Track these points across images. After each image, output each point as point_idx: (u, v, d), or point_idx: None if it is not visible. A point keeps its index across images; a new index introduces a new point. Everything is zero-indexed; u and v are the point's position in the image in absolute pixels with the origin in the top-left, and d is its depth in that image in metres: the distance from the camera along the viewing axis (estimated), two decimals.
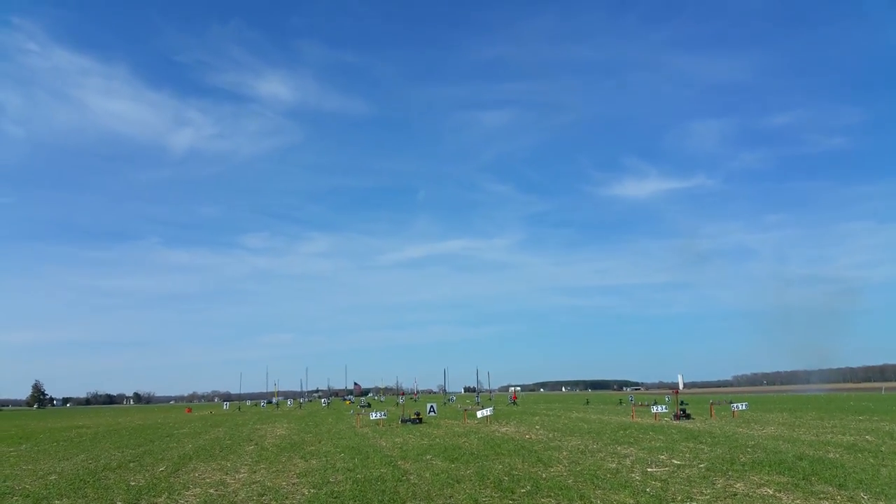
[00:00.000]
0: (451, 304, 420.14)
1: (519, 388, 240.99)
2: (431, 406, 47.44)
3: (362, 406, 67.81)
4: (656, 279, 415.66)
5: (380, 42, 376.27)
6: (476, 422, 38.57)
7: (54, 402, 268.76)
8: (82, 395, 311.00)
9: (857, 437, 23.89)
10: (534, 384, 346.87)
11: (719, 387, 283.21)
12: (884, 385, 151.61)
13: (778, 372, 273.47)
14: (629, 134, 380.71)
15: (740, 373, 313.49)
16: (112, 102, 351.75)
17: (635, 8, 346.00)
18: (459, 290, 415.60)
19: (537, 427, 32.97)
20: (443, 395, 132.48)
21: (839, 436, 24.81)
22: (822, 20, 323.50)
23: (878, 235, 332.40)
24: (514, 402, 79.34)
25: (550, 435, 27.70)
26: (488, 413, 38.02)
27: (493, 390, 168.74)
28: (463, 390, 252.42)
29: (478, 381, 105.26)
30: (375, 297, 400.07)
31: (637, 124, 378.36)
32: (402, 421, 38.80)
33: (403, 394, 72.03)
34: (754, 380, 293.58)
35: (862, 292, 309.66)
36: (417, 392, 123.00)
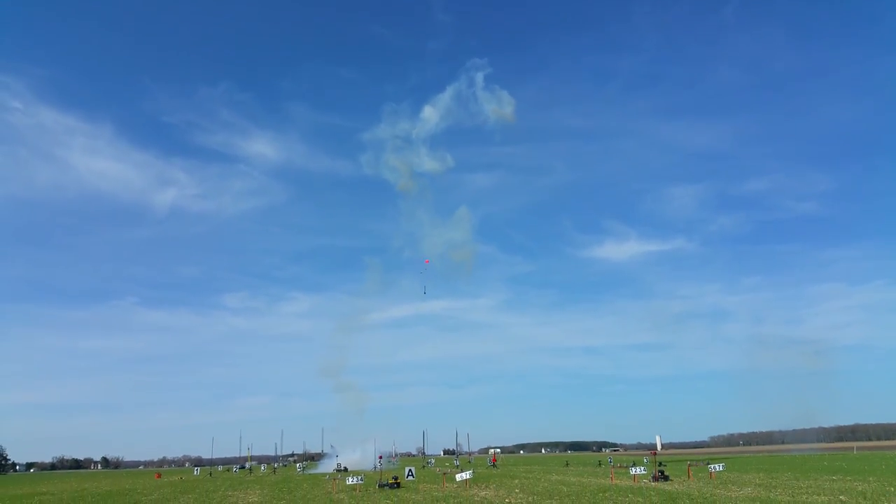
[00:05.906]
0: (433, 365, 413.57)
1: (499, 451, 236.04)
2: (409, 470, 46.45)
3: (338, 471, 66.27)
4: (636, 340, 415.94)
5: (367, 107, 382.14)
6: (455, 485, 37.92)
7: (17, 467, 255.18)
8: (48, 459, 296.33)
9: (832, 498, 24.17)
10: (513, 446, 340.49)
11: (696, 447, 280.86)
12: (856, 444, 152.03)
13: (754, 432, 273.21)
14: (611, 198, 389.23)
15: (717, 433, 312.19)
16: (95, 161, 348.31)
17: (617, 77, 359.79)
18: (441, 351, 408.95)
19: (517, 490, 32.61)
20: (421, 458, 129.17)
21: (814, 496, 25.05)
22: (796, 90, 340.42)
23: (849, 297, 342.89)
24: (494, 465, 77.94)
25: (530, 499, 27.45)
26: (467, 476, 37.43)
27: (473, 452, 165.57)
28: (442, 452, 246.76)
29: (457, 444, 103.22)
30: (356, 358, 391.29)
31: (618, 189, 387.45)
32: (379, 486, 38.02)
33: (381, 457, 70.09)
34: (731, 440, 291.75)
35: (834, 353, 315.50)
36: (396, 455, 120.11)
